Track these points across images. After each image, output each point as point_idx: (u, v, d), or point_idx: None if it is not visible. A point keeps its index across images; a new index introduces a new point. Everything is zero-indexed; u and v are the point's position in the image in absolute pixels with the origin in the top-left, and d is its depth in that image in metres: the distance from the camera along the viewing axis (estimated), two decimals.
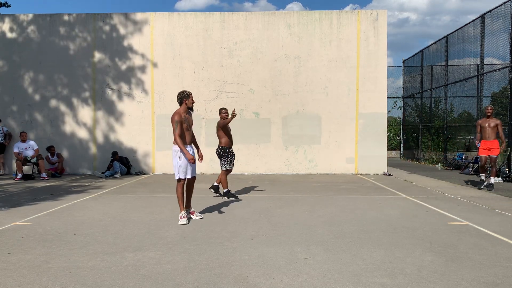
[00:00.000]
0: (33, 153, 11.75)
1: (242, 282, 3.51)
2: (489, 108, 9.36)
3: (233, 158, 7.95)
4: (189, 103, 5.88)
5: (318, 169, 12.78)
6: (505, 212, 6.63)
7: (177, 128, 5.68)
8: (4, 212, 6.60)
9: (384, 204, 7.34)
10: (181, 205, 5.89)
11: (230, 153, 7.88)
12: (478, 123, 9.53)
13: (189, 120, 5.92)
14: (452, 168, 14.32)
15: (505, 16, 11.60)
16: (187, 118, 5.88)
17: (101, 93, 12.95)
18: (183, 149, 5.69)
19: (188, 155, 5.70)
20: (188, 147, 5.90)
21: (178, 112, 5.77)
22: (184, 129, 5.81)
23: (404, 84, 20.82)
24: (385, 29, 12.72)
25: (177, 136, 5.67)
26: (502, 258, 4.18)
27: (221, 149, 7.86)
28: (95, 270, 3.83)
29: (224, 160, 7.82)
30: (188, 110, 5.93)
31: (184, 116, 5.81)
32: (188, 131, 5.89)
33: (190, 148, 5.95)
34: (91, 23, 12.96)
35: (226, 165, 7.83)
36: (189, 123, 5.92)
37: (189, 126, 5.90)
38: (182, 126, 5.75)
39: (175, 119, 5.69)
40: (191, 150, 5.95)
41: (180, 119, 5.72)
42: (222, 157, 7.83)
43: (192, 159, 5.74)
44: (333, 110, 12.74)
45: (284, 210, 6.80)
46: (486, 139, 9.24)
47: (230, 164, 7.87)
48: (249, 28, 12.83)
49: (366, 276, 3.65)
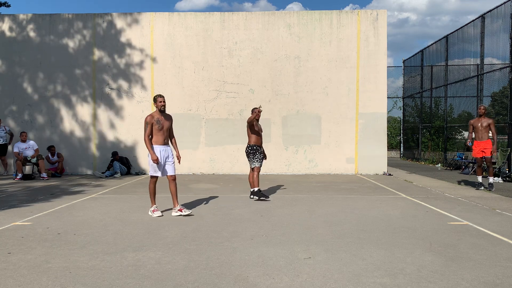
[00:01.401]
0: (33, 153, 11.75)
1: (242, 282, 3.51)
2: (482, 107, 9.22)
3: (262, 157, 7.76)
4: (157, 106, 6.25)
5: (318, 169, 12.78)
6: (505, 212, 6.63)
7: (147, 129, 6.13)
8: (4, 212, 6.60)
9: (384, 204, 7.34)
10: (152, 200, 6.36)
11: (258, 151, 7.70)
12: (470, 123, 9.41)
13: (163, 122, 6.25)
14: (452, 168, 14.32)
15: (505, 16, 11.60)
16: (160, 119, 6.22)
17: (101, 93, 12.95)
18: (149, 149, 6.14)
19: (153, 156, 6.09)
20: (161, 147, 6.24)
21: (151, 114, 6.25)
22: (156, 130, 6.20)
23: (404, 84, 20.83)
24: (385, 29, 12.72)
25: (146, 137, 6.15)
26: (502, 258, 4.18)
27: (248, 147, 7.74)
28: (95, 270, 3.83)
29: (252, 158, 7.68)
30: (162, 112, 6.29)
31: (156, 118, 6.19)
32: (161, 131, 6.23)
33: (163, 148, 6.27)
34: (91, 23, 12.96)
35: (254, 162, 7.68)
36: (163, 124, 6.24)
37: (162, 127, 6.23)
38: (153, 127, 6.16)
39: (146, 120, 6.16)
40: (164, 151, 6.28)
41: (151, 121, 6.14)
42: (250, 155, 7.70)
43: (156, 160, 6.09)
44: (333, 110, 12.74)
45: (284, 210, 6.80)
46: (479, 140, 9.13)
47: (259, 162, 7.68)
48: (249, 28, 12.83)
49: (366, 276, 3.65)
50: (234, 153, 12.87)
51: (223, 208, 6.93)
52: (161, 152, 6.22)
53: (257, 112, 7.57)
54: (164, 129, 6.25)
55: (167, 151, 6.30)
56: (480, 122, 9.12)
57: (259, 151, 7.72)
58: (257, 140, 7.75)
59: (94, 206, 7.19)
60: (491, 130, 9.04)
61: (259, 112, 7.57)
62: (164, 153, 6.26)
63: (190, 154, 12.86)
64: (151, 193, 6.35)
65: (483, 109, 9.16)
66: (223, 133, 12.84)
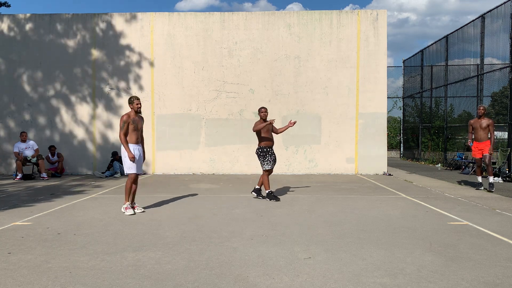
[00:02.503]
0: (33, 153, 11.75)
1: (242, 282, 3.51)
2: (481, 108, 9.09)
3: (273, 158, 7.70)
4: (134, 107, 6.50)
5: (318, 169, 12.78)
6: (505, 212, 6.62)
7: (123, 127, 6.38)
8: (4, 212, 6.60)
9: (384, 204, 7.34)
10: (127, 197, 6.48)
11: (269, 153, 7.64)
12: (470, 123, 9.33)
13: (138, 122, 6.53)
14: (452, 168, 14.32)
15: (505, 16, 11.60)
16: (136, 120, 6.50)
17: (101, 93, 12.95)
18: (125, 147, 6.39)
19: (130, 154, 6.35)
20: (134, 145, 6.52)
21: (127, 113, 6.50)
22: (132, 130, 6.46)
23: (404, 84, 20.83)
24: (385, 29, 12.72)
25: (122, 135, 6.40)
26: (502, 258, 4.18)
27: (258, 149, 7.72)
28: (95, 270, 3.83)
29: (263, 160, 7.66)
30: (137, 113, 6.55)
31: (133, 118, 6.46)
32: (135, 131, 6.51)
33: (136, 147, 6.54)
34: (91, 23, 12.96)
35: (265, 165, 7.65)
36: (137, 124, 6.52)
37: (136, 127, 6.51)
38: (129, 126, 6.43)
39: (123, 119, 6.40)
40: (137, 149, 6.55)
41: (127, 120, 6.40)
42: (261, 157, 7.68)
43: (132, 158, 6.35)
44: (333, 110, 12.74)
45: (284, 210, 6.80)
46: (478, 141, 9.07)
47: (269, 164, 7.63)
48: (249, 28, 12.83)
49: (366, 276, 3.65)
50: (234, 153, 12.87)
51: (223, 208, 6.94)
52: (134, 150, 6.51)
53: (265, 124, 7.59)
54: (138, 129, 6.55)
55: (140, 150, 6.63)
56: (480, 123, 9.03)
57: (269, 153, 7.66)
58: (267, 142, 7.68)
59: (94, 206, 7.19)
60: (490, 131, 8.95)
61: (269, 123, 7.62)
62: (138, 152, 6.57)
63: (190, 154, 12.87)
64: (127, 190, 6.49)
65: (482, 110, 9.05)
66: (223, 133, 12.84)
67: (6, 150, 12.99)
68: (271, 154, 7.69)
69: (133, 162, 6.42)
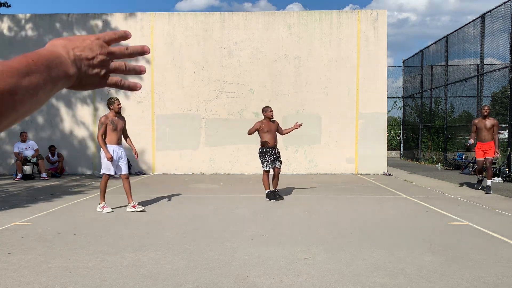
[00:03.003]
0: (33, 153, 11.75)
1: (242, 282, 3.51)
2: (486, 107, 8.77)
3: (272, 159, 7.65)
4: (114, 108, 6.57)
5: (318, 169, 12.78)
6: (505, 212, 6.62)
7: (101, 128, 6.46)
8: (4, 212, 6.59)
9: (384, 204, 7.34)
10: (102, 197, 6.60)
11: (267, 154, 7.62)
12: (474, 123, 9.00)
13: (117, 123, 6.61)
14: (452, 168, 14.32)
15: (505, 16, 11.60)
16: (115, 120, 6.59)
17: (100, 93, 12.95)
18: (103, 147, 6.46)
19: (107, 154, 6.41)
20: (114, 146, 6.58)
21: (105, 115, 6.61)
22: (110, 130, 6.54)
23: (404, 84, 20.82)
24: (385, 29, 12.72)
25: (100, 136, 6.48)
26: (502, 258, 4.18)
27: (259, 149, 7.74)
28: (95, 270, 3.82)
29: (262, 161, 7.66)
30: (117, 114, 6.63)
31: (111, 119, 6.54)
32: (115, 132, 6.59)
33: (116, 148, 6.61)
34: (90, 23, 12.96)
35: (263, 165, 7.66)
36: (117, 125, 6.61)
37: (116, 128, 6.59)
38: (107, 127, 6.50)
39: (101, 121, 6.50)
40: (117, 150, 6.62)
41: (105, 121, 6.49)
42: (260, 157, 7.70)
43: (110, 159, 6.41)
44: (333, 110, 12.74)
45: (284, 210, 6.80)
46: (482, 141, 8.74)
47: (267, 165, 7.61)
48: (249, 28, 12.83)
49: (366, 276, 3.65)
50: (234, 153, 12.87)
51: (223, 208, 6.93)
52: (114, 151, 6.55)
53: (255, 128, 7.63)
54: (117, 129, 6.61)
55: (120, 151, 6.66)
56: (484, 123, 8.66)
57: (268, 154, 7.62)
58: (265, 142, 7.64)
59: (94, 206, 7.18)
60: (494, 132, 8.65)
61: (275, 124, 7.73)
62: (118, 153, 6.61)
63: (190, 154, 12.86)
64: (102, 190, 6.59)
65: (487, 109, 8.70)
66: (223, 133, 12.84)
67: (6, 150, 12.98)
68: (271, 155, 7.64)
69: (110, 163, 6.48)
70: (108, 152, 6.42)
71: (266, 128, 7.63)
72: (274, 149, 7.72)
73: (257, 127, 7.58)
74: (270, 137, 7.66)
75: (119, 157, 6.62)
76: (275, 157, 7.70)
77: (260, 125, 7.61)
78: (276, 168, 7.75)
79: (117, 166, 6.62)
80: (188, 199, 7.92)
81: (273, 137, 7.70)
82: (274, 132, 7.74)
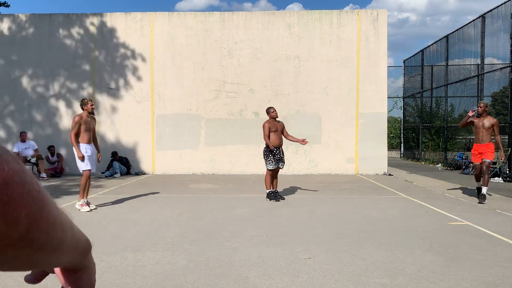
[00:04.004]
0: (33, 153, 11.75)
1: (242, 282, 3.51)
2: (481, 105, 7.55)
3: (277, 158, 7.64)
4: (88, 109, 6.78)
5: (318, 169, 12.77)
6: (505, 212, 6.62)
7: (74, 127, 6.64)
8: None
9: (384, 204, 7.34)
10: (82, 194, 6.71)
11: (272, 153, 7.62)
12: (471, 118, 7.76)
13: (89, 123, 6.82)
14: (453, 168, 14.32)
15: (505, 16, 11.60)
16: (87, 121, 6.79)
17: (100, 93, 12.95)
18: (75, 146, 6.64)
19: (79, 153, 6.60)
20: (86, 145, 6.78)
21: (79, 114, 6.80)
22: (83, 130, 6.73)
23: (404, 84, 20.82)
24: (385, 29, 12.71)
25: (72, 135, 6.64)
26: (502, 258, 4.17)
27: (263, 149, 7.74)
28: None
29: (266, 160, 7.67)
30: (89, 115, 6.83)
31: (85, 119, 6.74)
32: (87, 132, 6.78)
33: (89, 146, 6.82)
34: (91, 23, 12.95)
35: (267, 164, 7.66)
36: (89, 125, 6.82)
37: (88, 128, 6.80)
38: (80, 127, 6.69)
39: (75, 120, 6.68)
40: (89, 148, 6.83)
41: (79, 121, 6.68)
42: (264, 156, 7.70)
43: (81, 157, 6.62)
44: (333, 110, 12.73)
45: (284, 210, 6.80)
46: (479, 143, 7.60)
47: (271, 164, 7.61)
48: (249, 28, 12.83)
49: (366, 276, 3.65)
50: (234, 153, 12.87)
51: (223, 208, 6.93)
52: (87, 149, 6.79)
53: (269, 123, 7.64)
54: (90, 129, 6.83)
55: (92, 149, 6.92)
56: (482, 122, 7.55)
57: (272, 153, 7.62)
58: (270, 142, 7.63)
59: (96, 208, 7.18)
60: (495, 132, 7.50)
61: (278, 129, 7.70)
62: (90, 150, 6.85)
63: (190, 154, 12.86)
64: (83, 187, 6.70)
65: (483, 107, 7.50)
66: (223, 133, 12.84)
67: None
68: (275, 154, 7.66)
69: (86, 160, 6.66)
70: (80, 151, 6.63)
71: (272, 128, 7.67)
72: (279, 149, 7.73)
73: (268, 128, 7.59)
74: (275, 137, 7.69)
75: (91, 154, 6.87)
76: (279, 157, 7.72)
77: (269, 124, 7.63)
78: (279, 168, 7.78)
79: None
80: (188, 199, 7.92)
81: (278, 137, 7.74)
82: (280, 132, 7.77)
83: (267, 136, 7.60)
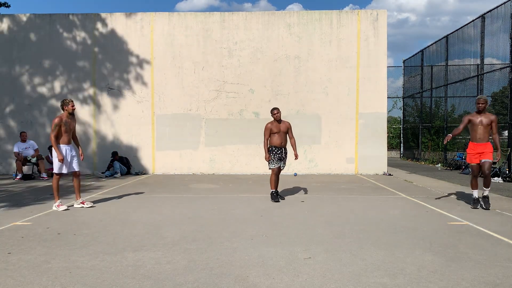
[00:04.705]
0: (33, 153, 11.75)
1: (242, 282, 3.51)
2: (481, 100, 6.95)
3: (278, 157, 7.65)
4: (69, 109, 6.86)
5: (318, 169, 12.78)
6: (505, 212, 6.62)
7: (55, 129, 6.67)
8: (4, 212, 6.60)
9: (384, 204, 7.34)
10: (56, 195, 6.84)
11: (273, 152, 7.63)
12: (466, 118, 7.14)
13: (70, 123, 6.88)
14: (452, 168, 14.32)
15: (505, 16, 11.60)
16: (68, 122, 6.84)
17: (101, 93, 12.95)
18: (55, 148, 6.69)
19: (59, 156, 6.65)
20: (66, 146, 6.83)
21: (59, 116, 6.81)
22: (63, 131, 6.77)
23: (404, 84, 20.83)
24: (385, 29, 12.72)
25: (53, 137, 6.66)
26: (502, 258, 4.18)
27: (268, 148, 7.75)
28: (95, 270, 3.83)
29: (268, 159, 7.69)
30: (70, 115, 6.88)
31: (65, 120, 6.79)
32: (67, 133, 6.83)
33: (69, 147, 6.88)
34: (91, 23, 12.96)
35: (269, 164, 7.68)
36: (70, 126, 6.87)
37: (69, 128, 6.85)
38: (61, 128, 6.73)
39: (55, 122, 6.70)
40: (70, 149, 6.89)
41: (59, 122, 6.72)
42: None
43: (61, 160, 6.67)
44: (333, 110, 12.74)
45: (284, 210, 6.80)
46: (477, 141, 6.92)
47: (272, 163, 7.63)
48: (249, 28, 12.83)
49: (366, 276, 3.65)
50: (234, 153, 12.87)
51: (223, 208, 6.93)
52: (67, 150, 6.84)
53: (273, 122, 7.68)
54: (70, 130, 6.88)
55: (72, 150, 6.96)
56: (480, 119, 6.95)
57: (273, 152, 7.63)
58: (273, 142, 7.65)
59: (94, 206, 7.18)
60: (493, 130, 6.93)
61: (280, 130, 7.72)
62: (70, 152, 6.90)
63: (190, 154, 12.87)
64: (55, 189, 6.83)
65: (483, 103, 6.95)
66: (223, 133, 12.84)
67: (6, 150, 12.99)
68: (276, 153, 7.66)
69: (62, 163, 6.72)
70: (60, 154, 6.67)
71: (275, 130, 7.67)
72: (281, 149, 7.73)
73: (269, 130, 7.61)
74: (277, 138, 7.69)
75: (72, 155, 6.92)
76: (280, 157, 7.71)
77: (270, 127, 7.63)
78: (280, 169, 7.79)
79: (69, 164, 6.90)
80: (188, 199, 7.92)
81: (281, 138, 7.72)
82: (283, 133, 7.75)
83: (266, 140, 7.66)
